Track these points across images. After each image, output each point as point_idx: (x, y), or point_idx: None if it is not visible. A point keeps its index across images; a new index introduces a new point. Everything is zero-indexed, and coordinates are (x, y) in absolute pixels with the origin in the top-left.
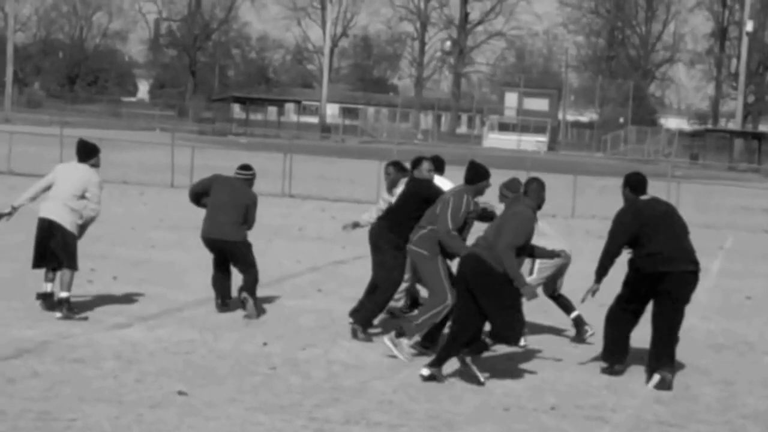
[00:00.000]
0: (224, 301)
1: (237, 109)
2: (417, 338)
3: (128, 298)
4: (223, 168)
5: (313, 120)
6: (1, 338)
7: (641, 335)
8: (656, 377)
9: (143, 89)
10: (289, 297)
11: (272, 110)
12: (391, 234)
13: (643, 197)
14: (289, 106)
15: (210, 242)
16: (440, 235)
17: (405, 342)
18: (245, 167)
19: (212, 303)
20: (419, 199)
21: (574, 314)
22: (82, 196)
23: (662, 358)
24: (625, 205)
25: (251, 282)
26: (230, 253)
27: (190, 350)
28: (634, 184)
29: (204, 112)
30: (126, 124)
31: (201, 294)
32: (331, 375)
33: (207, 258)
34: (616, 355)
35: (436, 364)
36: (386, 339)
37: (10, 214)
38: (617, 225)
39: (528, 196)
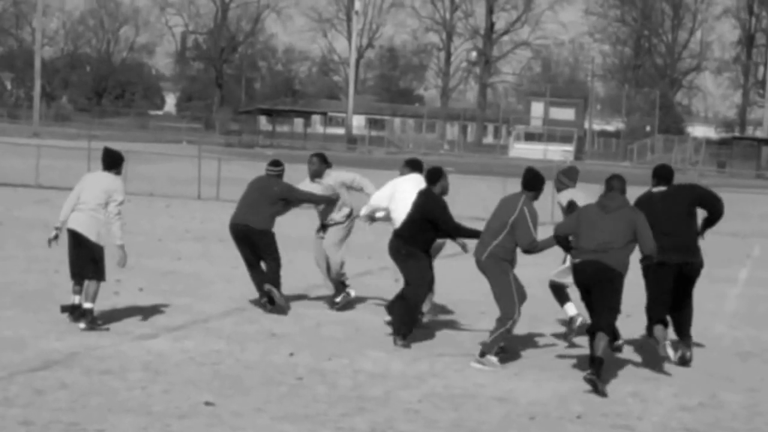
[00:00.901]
0: (270, 299)
1: (263, 121)
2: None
3: (155, 310)
4: (249, 180)
5: (340, 131)
6: (30, 350)
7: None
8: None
9: (170, 102)
10: (315, 308)
11: (299, 122)
12: (408, 245)
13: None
14: (316, 118)
15: (235, 229)
16: (526, 247)
17: (489, 357)
18: (274, 163)
19: (239, 314)
20: (428, 216)
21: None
22: (108, 204)
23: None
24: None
25: (274, 272)
26: (254, 243)
27: (217, 361)
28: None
29: (231, 124)
30: (153, 137)
31: (227, 305)
32: (357, 385)
33: (233, 269)
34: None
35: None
36: (473, 364)
37: (56, 237)
38: None
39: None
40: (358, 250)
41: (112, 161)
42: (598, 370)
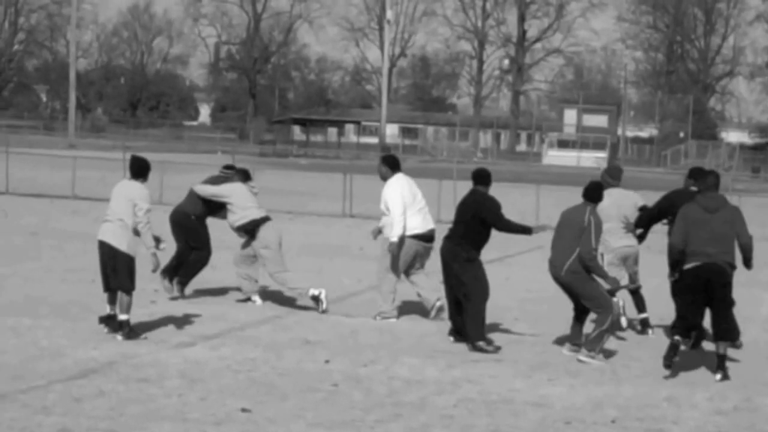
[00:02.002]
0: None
1: (297, 131)
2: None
3: (191, 318)
4: (282, 190)
5: (373, 140)
6: (67, 359)
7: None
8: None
9: (204, 113)
10: (351, 315)
11: (332, 131)
12: (458, 248)
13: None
14: (349, 127)
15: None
16: (584, 255)
17: (595, 355)
18: (226, 167)
19: (274, 322)
20: (481, 215)
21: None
22: (134, 212)
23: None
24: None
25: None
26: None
27: (253, 368)
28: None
29: (265, 134)
30: (188, 148)
31: (262, 313)
32: (393, 391)
33: (267, 278)
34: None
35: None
36: (581, 357)
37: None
38: None
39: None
40: None
41: (139, 169)
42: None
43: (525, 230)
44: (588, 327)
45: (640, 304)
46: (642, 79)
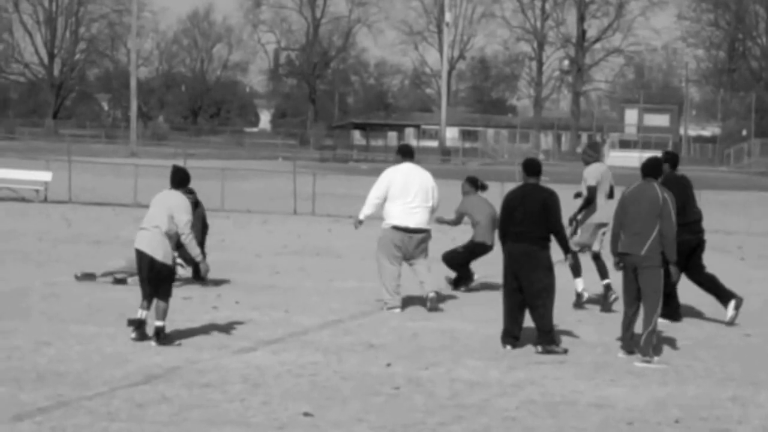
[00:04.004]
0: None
1: (357, 136)
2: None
3: (253, 323)
4: (344, 194)
5: (433, 144)
6: (131, 365)
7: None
8: None
9: (265, 119)
10: (412, 318)
11: (392, 135)
12: (539, 250)
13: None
14: (409, 131)
15: None
16: (669, 232)
17: (652, 358)
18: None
19: (336, 326)
20: (546, 209)
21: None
22: (172, 221)
23: None
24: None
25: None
26: None
27: (315, 372)
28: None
29: (325, 139)
30: (249, 154)
31: (324, 317)
32: (455, 393)
33: (329, 282)
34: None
35: None
36: (637, 364)
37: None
38: None
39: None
40: None
41: (180, 179)
42: None
43: (567, 248)
44: (637, 327)
45: (602, 271)
46: (703, 78)
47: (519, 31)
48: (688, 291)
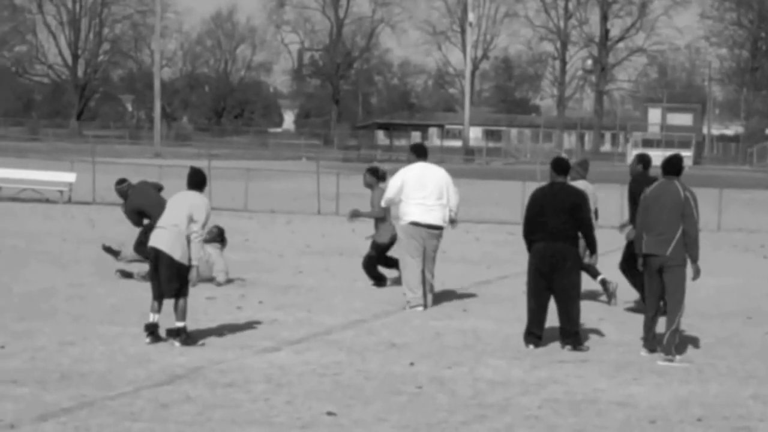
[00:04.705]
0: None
1: (381, 136)
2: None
3: (277, 323)
4: (368, 194)
5: (457, 143)
6: (154, 365)
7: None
8: None
9: (288, 119)
10: (435, 317)
11: (416, 135)
12: (569, 251)
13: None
14: (433, 131)
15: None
16: (693, 231)
17: (674, 357)
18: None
19: (359, 326)
20: (576, 207)
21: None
22: (191, 221)
23: None
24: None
25: None
26: None
27: (338, 372)
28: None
29: (348, 139)
30: (273, 155)
31: (347, 317)
32: (477, 392)
33: (353, 282)
34: None
35: None
36: (660, 362)
37: None
38: None
39: None
40: (478, 259)
41: (197, 181)
42: None
43: (594, 247)
44: (660, 326)
45: (591, 271)
46: (726, 77)
47: (542, 30)
48: (711, 289)
